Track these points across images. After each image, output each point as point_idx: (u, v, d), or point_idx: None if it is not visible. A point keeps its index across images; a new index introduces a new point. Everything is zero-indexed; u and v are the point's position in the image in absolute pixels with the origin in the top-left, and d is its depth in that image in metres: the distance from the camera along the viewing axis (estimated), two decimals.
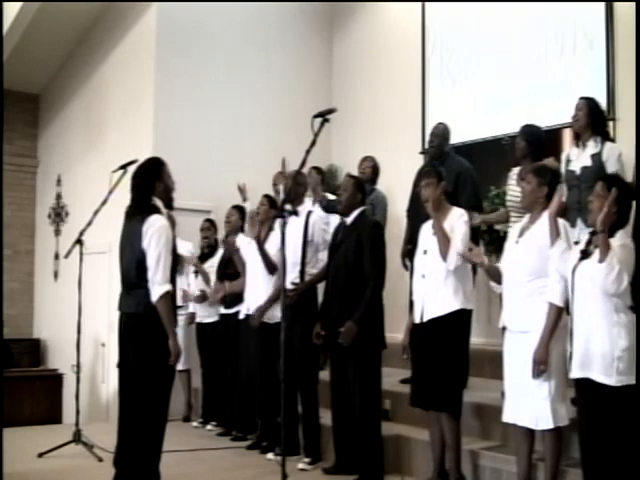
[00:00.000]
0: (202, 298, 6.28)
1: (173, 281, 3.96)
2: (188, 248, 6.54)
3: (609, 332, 3.25)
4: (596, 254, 3.28)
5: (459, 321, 4.13)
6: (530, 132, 4.89)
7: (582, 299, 3.35)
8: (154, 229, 3.83)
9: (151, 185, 3.97)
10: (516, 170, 4.88)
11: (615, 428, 3.23)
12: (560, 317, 3.55)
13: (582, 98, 4.63)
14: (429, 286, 4.15)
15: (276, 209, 5.33)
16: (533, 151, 4.76)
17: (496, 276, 3.93)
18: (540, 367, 3.55)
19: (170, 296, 3.86)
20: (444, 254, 4.08)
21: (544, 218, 3.72)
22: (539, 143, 4.83)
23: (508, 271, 3.81)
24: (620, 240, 3.29)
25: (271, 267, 5.27)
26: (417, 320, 4.20)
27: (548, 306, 3.56)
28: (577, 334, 3.36)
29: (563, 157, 4.69)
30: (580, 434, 3.40)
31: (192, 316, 6.51)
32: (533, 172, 3.86)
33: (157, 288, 3.80)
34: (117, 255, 4.06)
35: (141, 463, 3.86)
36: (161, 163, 4.08)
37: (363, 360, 4.44)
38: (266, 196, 5.72)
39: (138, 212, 3.93)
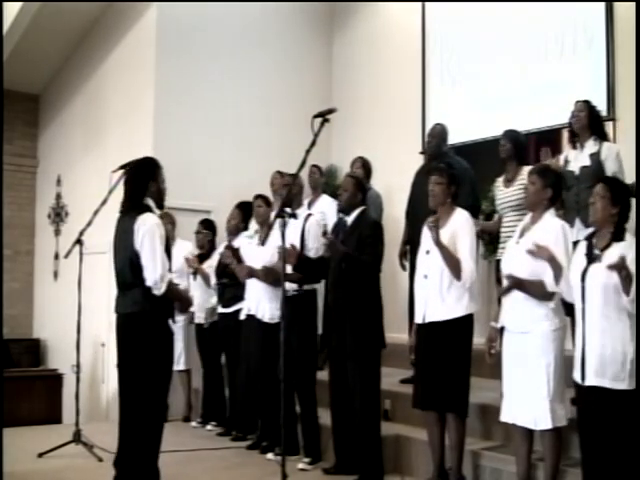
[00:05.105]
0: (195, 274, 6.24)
1: None
2: (189, 249, 6.52)
3: (622, 336, 3.24)
4: (605, 258, 3.28)
5: (462, 325, 4.11)
6: (514, 136, 5.01)
7: (594, 304, 3.30)
8: (146, 228, 3.83)
9: (145, 184, 3.97)
10: (501, 179, 4.99)
11: (622, 430, 3.22)
12: (544, 296, 3.58)
13: (580, 101, 4.74)
14: (432, 287, 4.12)
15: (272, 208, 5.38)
16: (517, 153, 4.90)
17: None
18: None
19: (172, 284, 3.95)
20: (456, 274, 4.03)
21: (545, 219, 3.74)
22: (522, 146, 5.00)
23: (508, 271, 3.79)
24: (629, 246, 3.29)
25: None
26: (419, 320, 4.19)
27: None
28: (591, 339, 3.30)
29: (561, 158, 4.75)
30: (586, 437, 3.37)
31: (192, 316, 6.50)
32: (538, 173, 3.83)
33: (160, 285, 3.80)
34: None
35: (141, 462, 3.86)
36: (156, 164, 4.07)
37: (362, 359, 4.43)
38: (260, 196, 5.63)
39: (130, 211, 3.94)
